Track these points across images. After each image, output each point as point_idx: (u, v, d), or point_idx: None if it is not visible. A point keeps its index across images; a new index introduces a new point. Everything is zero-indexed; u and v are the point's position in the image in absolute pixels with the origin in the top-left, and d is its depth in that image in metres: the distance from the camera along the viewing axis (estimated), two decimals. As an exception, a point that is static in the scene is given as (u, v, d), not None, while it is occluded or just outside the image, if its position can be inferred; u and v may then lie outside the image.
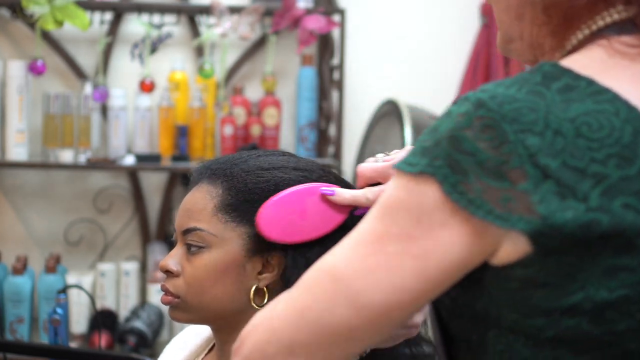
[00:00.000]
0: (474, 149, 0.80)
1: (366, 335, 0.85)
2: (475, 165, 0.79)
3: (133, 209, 3.02)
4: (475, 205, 0.80)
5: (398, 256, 0.82)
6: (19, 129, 2.76)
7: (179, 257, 1.22)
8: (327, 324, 0.84)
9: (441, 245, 0.81)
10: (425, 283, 0.82)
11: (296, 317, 0.85)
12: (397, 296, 0.82)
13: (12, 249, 2.92)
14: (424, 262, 0.81)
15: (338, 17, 2.90)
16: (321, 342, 0.85)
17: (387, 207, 0.84)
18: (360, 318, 0.83)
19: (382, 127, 2.92)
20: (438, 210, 0.81)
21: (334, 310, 0.83)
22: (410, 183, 0.82)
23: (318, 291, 0.85)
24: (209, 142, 2.88)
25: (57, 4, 2.63)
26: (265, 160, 1.23)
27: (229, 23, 2.78)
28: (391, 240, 0.82)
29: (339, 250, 0.86)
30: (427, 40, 3.10)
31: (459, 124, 0.81)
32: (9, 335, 2.72)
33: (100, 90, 2.78)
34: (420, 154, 0.83)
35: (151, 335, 2.74)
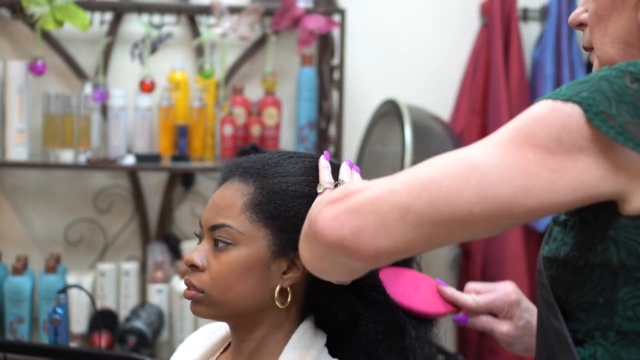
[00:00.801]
0: (622, 91, 0.89)
1: (480, 224, 0.89)
2: (621, 103, 0.88)
3: (133, 209, 3.02)
4: (617, 132, 0.87)
5: (535, 164, 0.88)
6: (19, 129, 2.76)
7: (205, 252, 1.22)
8: (450, 202, 0.88)
9: (577, 167, 0.88)
10: (553, 195, 0.88)
11: (420, 187, 0.89)
12: (524, 197, 0.88)
13: (12, 249, 2.92)
14: (558, 176, 0.88)
15: (338, 17, 2.90)
16: (436, 217, 0.88)
17: (530, 120, 0.90)
18: (483, 206, 0.88)
19: (382, 127, 2.92)
20: (580, 134, 0.88)
21: (463, 191, 0.88)
22: (556, 105, 0.89)
23: (451, 171, 0.89)
24: (209, 142, 2.88)
25: (57, 4, 2.63)
26: (299, 164, 1.24)
27: (229, 23, 2.78)
28: (531, 149, 0.88)
29: (476, 145, 0.91)
30: (427, 40, 3.10)
31: (611, 73, 0.91)
32: (9, 335, 2.72)
33: (100, 90, 2.78)
34: (567, 88, 0.91)
35: (151, 335, 2.74)
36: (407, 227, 0.88)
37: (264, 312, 1.22)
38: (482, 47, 3.01)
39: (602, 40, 1.05)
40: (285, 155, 1.26)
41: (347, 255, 0.90)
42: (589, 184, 0.88)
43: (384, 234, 0.88)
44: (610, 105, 0.88)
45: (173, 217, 3.02)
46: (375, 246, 0.89)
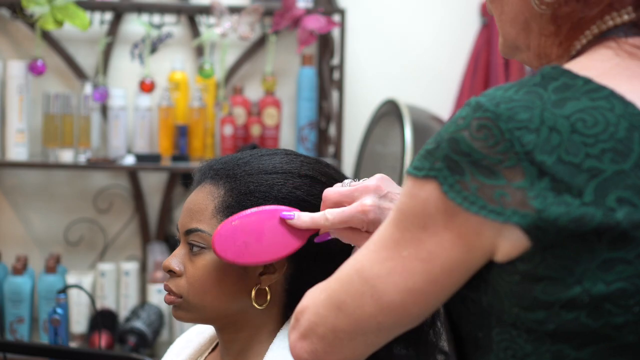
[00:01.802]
0: (469, 149, 0.82)
1: (393, 327, 0.91)
2: (471, 165, 0.82)
3: (133, 209, 3.02)
4: (469, 202, 0.82)
5: (410, 260, 0.86)
6: (19, 129, 2.76)
7: (182, 257, 1.22)
8: (359, 318, 0.90)
9: (444, 247, 0.84)
10: (433, 285, 0.86)
11: (335, 309, 0.92)
12: (412, 297, 0.87)
13: (12, 249, 2.92)
14: (430, 265, 0.85)
15: (338, 17, 2.90)
16: (358, 331, 0.92)
17: (400, 213, 0.88)
18: (384, 315, 0.89)
19: (382, 127, 2.92)
20: (440, 212, 0.84)
21: (364, 307, 0.90)
22: (416, 187, 0.86)
23: (351, 288, 0.91)
24: (209, 142, 2.88)
25: (57, 4, 2.63)
26: (269, 163, 1.23)
27: (229, 23, 2.78)
28: (405, 245, 0.87)
29: (367, 250, 0.91)
30: (427, 40, 3.10)
31: (458, 126, 0.83)
32: (9, 335, 2.72)
33: (100, 90, 2.78)
34: (423, 157, 0.86)
35: (151, 335, 2.74)
36: (344, 343, 0.93)
37: (245, 314, 1.22)
38: (482, 47, 3.01)
39: (501, 19, 0.98)
40: (256, 153, 1.25)
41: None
42: (460, 259, 0.84)
43: (333, 352, 0.94)
44: (463, 171, 0.82)
45: (173, 217, 3.02)
46: None
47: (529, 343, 0.85)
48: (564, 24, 0.91)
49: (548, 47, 0.94)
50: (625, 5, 0.90)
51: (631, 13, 0.90)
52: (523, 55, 0.99)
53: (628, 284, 0.80)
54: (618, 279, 0.80)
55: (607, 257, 0.80)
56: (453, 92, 3.09)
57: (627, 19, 0.90)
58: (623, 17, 0.90)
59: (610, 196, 0.79)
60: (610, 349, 0.82)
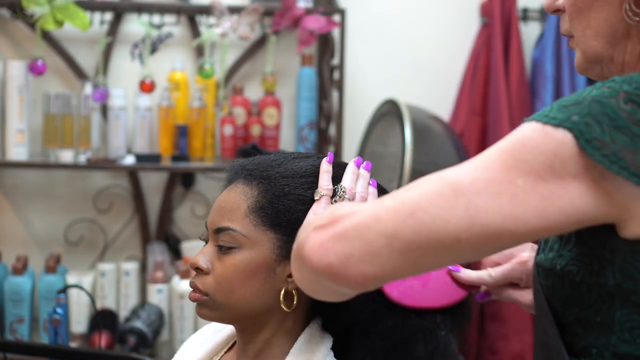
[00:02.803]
0: (615, 114, 0.85)
1: (467, 251, 0.88)
2: (613, 128, 0.85)
3: (133, 209, 3.02)
4: (610, 161, 0.84)
5: (525, 191, 0.86)
6: (19, 129, 2.76)
7: (210, 255, 1.22)
8: (436, 229, 0.87)
9: (569, 193, 0.86)
10: (544, 222, 0.86)
11: (406, 214, 0.87)
12: (513, 225, 0.86)
13: (12, 249, 2.93)
14: (549, 203, 0.86)
15: (338, 17, 2.90)
16: (422, 243, 0.87)
17: (521, 144, 0.88)
18: (471, 233, 0.86)
19: (382, 127, 2.92)
20: (572, 161, 0.85)
21: (449, 218, 0.86)
22: (546, 130, 0.87)
23: (437, 197, 0.87)
24: (209, 142, 2.88)
25: (57, 4, 2.63)
26: (303, 165, 1.23)
27: (229, 23, 2.78)
28: (521, 175, 0.86)
29: (463, 168, 0.89)
30: (427, 40, 3.10)
31: (604, 93, 0.87)
32: (9, 335, 2.72)
33: (100, 90, 2.78)
34: (557, 110, 0.88)
35: (151, 335, 2.74)
36: (393, 253, 0.88)
37: (269, 315, 1.21)
38: (482, 47, 3.01)
39: (585, 34, 1.00)
40: (289, 156, 1.25)
41: (335, 281, 0.90)
42: (582, 210, 0.86)
43: (370, 261, 0.88)
44: (603, 131, 0.85)
45: (173, 217, 3.02)
46: (362, 273, 0.89)
47: None
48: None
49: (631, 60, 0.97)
50: None
51: None
52: (604, 69, 1.01)
53: None
54: None
55: None
56: (453, 92, 3.09)
57: None
58: None
59: None
60: None
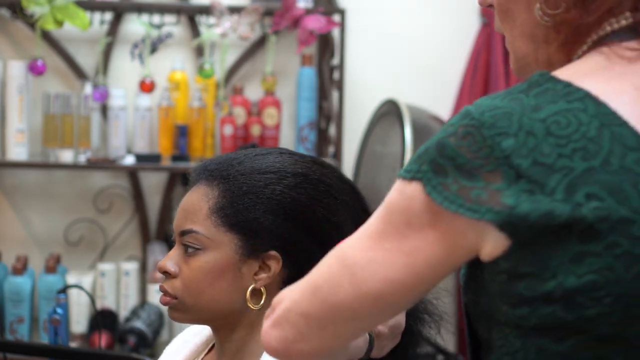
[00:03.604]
0: (454, 153, 0.86)
1: (366, 317, 0.94)
2: (454, 168, 0.86)
3: (133, 209, 3.02)
4: (449, 201, 0.86)
5: (392, 252, 0.90)
6: (19, 129, 2.76)
7: (177, 258, 1.22)
8: (333, 303, 0.93)
9: (428, 243, 0.89)
10: (415, 277, 0.90)
11: (310, 293, 0.95)
12: (390, 287, 0.90)
13: (12, 249, 2.92)
14: (413, 259, 0.89)
15: (338, 17, 2.90)
16: (329, 318, 0.94)
17: (387, 208, 0.92)
18: (360, 302, 0.91)
19: (382, 127, 2.92)
20: (425, 211, 0.88)
21: (339, 292, 0.92)
22: (404, 187, 0.90)
23: (328, 273, 0.94)
24: (209, 142, 2.88)
25: (57, 4, 2.63)
26: (262, 162, 1.22)
27: (229, 23, 2.78)
28: (387, 238, 0.90)
29: (352, 238, 0.94)
30: (427, 40, 3.10)
31: (446, 132, 0.88)
32: (9, 335, 2.72)
33: (100, 90, 2.78)
34: (414, 160, 0.91)
35: (151, 335, 2.74)
36: (313, 330, 0.95)
37: (241, 314, 1.22)
38: (482, 47, 3.00)
39: (512, 33, 0.99)
40: (250, 153, 1.25)
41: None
42: (444, 257, 0.89)
43: (300, 340, 0.95)
44: (447, 174, 0.86)
45: (173, 217, 3.00)
46: (300, 351, 0.96)
47: (518, 339, 0.88)
48: (565, 31, 0.93)
49: (553, 56, 0.96)
50: (624, 10, 0.91)
51: (629, 18, 0.92)
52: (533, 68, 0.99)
53: (598, 276, 0.83)
54: (588, 271, 0.83)
55: (578, 251, 0.83)
56: (453, 92, 3.09)
57: (624, 24, 0.92)
58: (621, 23, 0.92)
59: (579, 192, 0.82)
60: (588, 341, 0.85)
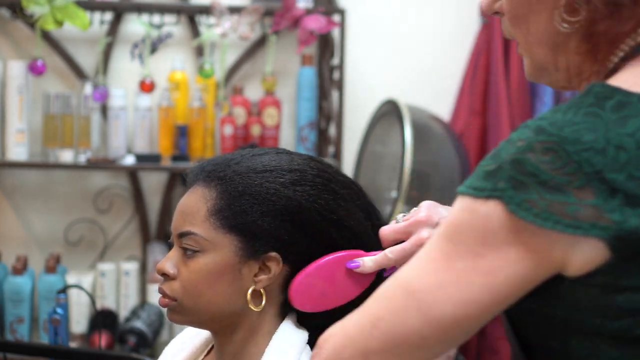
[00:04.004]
0: (536, 170, 0.84)
1: (436, 344, 0.91)
2: (538, 185, 0.84)
3: (133, 209, 3.02)
4: (542, 218, 0.84)
5: (467, 272, 0.87)
6: (19, 129, 2.76)
7: (176, 260, 1.22)
8: (399, 333, 0.90)
9: (509, 261, 0.86)
10: (494, 297, 0.87)
11: (370, 326, 0.91)
12: (466, 309, 0.88)
13: (12, 249, 2.92)
14: (492, 278, 0.87)
15: (338, 17, 2.90)
16: (393, 350, 0.90)
17: (454, 227, 0.89)
18: (431, 328, 0.89)
19: (382, 127, 2.92)
20: (504, 229, 0.85)
21: (407, 321, 0.89)
22: (475, 205, 0.87)
23: (391, 303, 0.91)
24: (209, 142, 2.88)
25: (57, 4, 2.63)
26: (259, 162, 1.22)
27: (229, 23, 2.78)
28: (460, 258, 0.88)
29: (411, 265, 0.91)
30: (427, 40, 3.10)
31: (521, 149, 0.85)
32: (9, 335, 2.72)
33: (100, 90, 2.78)
34: (483, 178, 0.88)
35: (151, 335, 2.74)
36: None
37: (240, 316, 1.21)
38: (482, 47, 3.00)
39: (527, 41, 0.99)
40: (248, 153, 1.24)
41: None
42: (525, 274, 0.87)
43: None
44: (530, 190, 0.84)
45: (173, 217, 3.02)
46: None
47: (615, 348, 0.87)
48: (600, 41, 0.93)
49: (581, 65, 0.95)
50: None
51: None
52: (551, 76, 1.00)
53: None
54: None
55: None
56: (453, 92, 3.09)
57: None
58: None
59: None
60: None
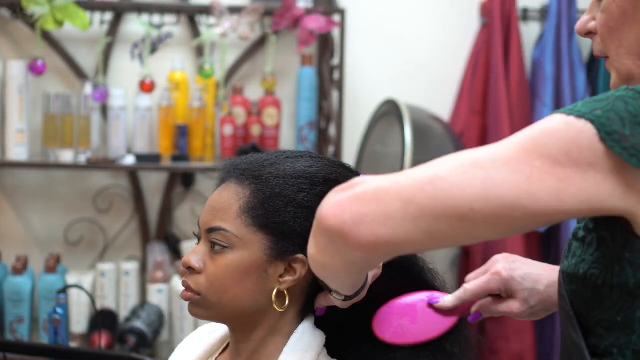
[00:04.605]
0: (637, 111, 0.89)
1: (479, 223, 0.91)
2: (636, 125, 0.89)
3: (133, 209, 3.02)
4: (630, 154, 0.88)
5: (542, 172, 0.89)
6: (19, 129, 2.76)
7: (202, 255, 1.22)
8: (452, 196, 0.90)
9: (585, 180, 0.89)
10: (557, 203, 0.90)
11: (425, 181, 0.91)
12: (527, 201, 0.89)
13: (12, 249, 2.93)
14: (564, 186, 0.89)
15: (338, 17, 2.90)
16: (437, 210, 0.90)
17: (541, 131, 0.92)
18: (485, 203, 0.89)
19: (382, 127, 2.92)
20: (590, 151, 0.89)
21: (466, 188, 0.90)
22: (570, 120, 0.91)
23: (456, 169, 0.91)
24: (209, 142, 2.88)
25: (57, 4, 2.63)
26: (294, 166, 1.23)
27: (229, 23, 2.78)
28: (539, 158, 0.90)
29: (485, 148, 0.93)
30: (427, 40, 3.10)
31: (628, 94, 0.91)
32: (9, 335, 2.72)
33: (100, 90, 2.79)
34: (582, 105, 0.92)
35: (151, 335, 2.74)
36: (407, 217, 0.90)
37: (261, 315, 1.22)
38: (482, 47, 3.00)
39: (618, 52, 1.03)
40: (282, 155, 1.25)
41: (346, 241, 0.92)
42: (596, 198, 0.90)
43: (383, 222, 0.90)
44: (624, 125, 0.89)
45: (173, 217, 3.02)
46: (374, 233, 0.91)
47: None
48: None
49: None
50: None
51: None
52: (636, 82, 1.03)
53: None
54: None
55: None
56: (453, 92, 3.09)
57: None
58: None
59: None
60: None
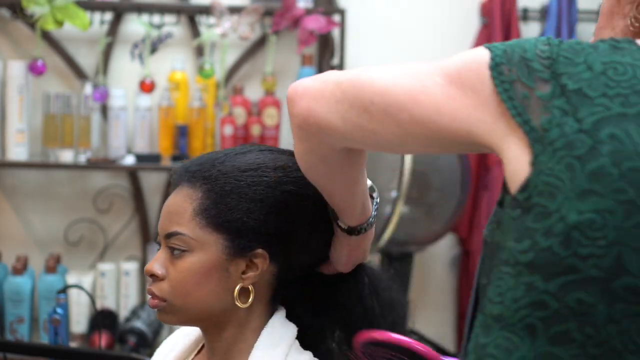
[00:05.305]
0: (529, 48, 0.95)
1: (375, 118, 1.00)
2: (522, 60, 0.94)
3: (133, 209, 3.02)
4: (503, 88, 0.94)
5: (437, 85, 0.97)
6: (19, 129, 2.76)
7: (163, 261, 1.23)
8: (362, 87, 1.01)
9: (464, 100, 0.96)
10: (436, 115, 0.97)
11: (357, 73, 1.03)
12: (411, 105, 0.98)
13: (12, 249, 2.92)
14: (447, 101, 0.97)
15: (338, 17, 2.90)
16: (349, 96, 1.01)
17: (459, 56, 1.00)
18: (382, 98, 0.99)
19: (382, 127, 2.91)
20: (477, 75, 0.96)
21: (375, 81, 1.00)
22: (477, 49, 0.99)
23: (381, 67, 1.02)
24: (209, 142, 2.89)
25: (57, 4, 2.64)
26: (243, 160, 1.23)
27: (229, 23, 2.79)
28: (440, 74, 0.98)
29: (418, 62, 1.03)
30: (427, 40, 3.10)
31: (530, 41, 0.97)
32: (9, 335, 2.72)
33: (100, 90, 2.79)
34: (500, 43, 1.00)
35: (151, 335, 2.75)
36: (332, 99, 1.02)
37: (229, 313, 1.22)
38: (482, 47, 3.01)
39: None
40: (231, 152, 1.26)
41: (290, 109, 1.08)
42: (467, 120, 0.96)
43: (317, 99, 1.04)
44: (512, 60, 0.95)
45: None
46: (309, 106, 1.05)
47: (512, 277, 0.92)
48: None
49: None
50: None
51: None
52: None
53: (598, 216, 0.88)
54: (590, 210, 0.89)
55: (586, 188, 0.89)
56: (453, 92, 3.09)
57: None
58: None
59: (604, 130, 0.89)
60: (575, 282, 0.89)
